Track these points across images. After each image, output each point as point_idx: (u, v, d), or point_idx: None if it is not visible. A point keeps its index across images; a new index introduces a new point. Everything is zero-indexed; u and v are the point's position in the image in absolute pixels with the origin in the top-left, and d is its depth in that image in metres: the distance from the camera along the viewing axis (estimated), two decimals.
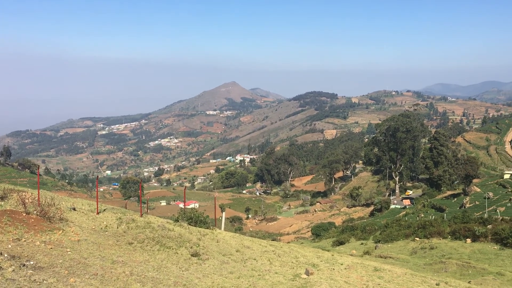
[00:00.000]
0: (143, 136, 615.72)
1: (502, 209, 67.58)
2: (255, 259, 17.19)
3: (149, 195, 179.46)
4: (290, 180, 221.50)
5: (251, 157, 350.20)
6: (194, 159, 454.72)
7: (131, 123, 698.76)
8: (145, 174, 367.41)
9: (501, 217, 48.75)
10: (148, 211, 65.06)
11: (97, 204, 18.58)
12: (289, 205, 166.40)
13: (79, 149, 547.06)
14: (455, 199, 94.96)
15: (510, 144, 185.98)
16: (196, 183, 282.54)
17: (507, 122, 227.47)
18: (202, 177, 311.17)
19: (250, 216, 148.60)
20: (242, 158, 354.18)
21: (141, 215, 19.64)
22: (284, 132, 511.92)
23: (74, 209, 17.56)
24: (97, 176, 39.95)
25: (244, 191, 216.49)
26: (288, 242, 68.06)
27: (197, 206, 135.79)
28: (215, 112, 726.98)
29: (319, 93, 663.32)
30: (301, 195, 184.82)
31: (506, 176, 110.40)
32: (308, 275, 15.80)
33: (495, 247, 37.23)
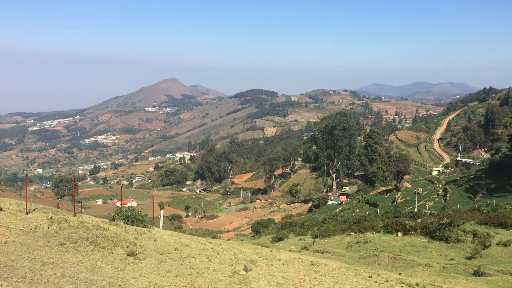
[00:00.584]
0: (78, 133, 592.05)
1: (431, 203, 71.24)
2: (193, 257, 17.03)
3: (84, 193, 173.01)
4: (231, 178, 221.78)
5: (191, 154, 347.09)
6: (132, 156, 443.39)
7: (65, 119, 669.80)
8: (80, 172, 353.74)
9: (429, 212, 51.46)
10: (83, 210, 62.71)
11: (26, 204, 17.62)
12: (230, 203, 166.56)
13: (8, 146, 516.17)
14: (388, 194, 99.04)
15: (438, 142, 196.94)
16: (134, 181, 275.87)
17: (435, 122, 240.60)
18: (141, 175, 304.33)
19: (190, 214, 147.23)
20: (182, 156, 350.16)
21: (75, 215, 18.86)
22: (225, 130, 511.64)
23: (0, 209, 16.56)
24: (27, 174, 37.84)
25: (184, 189, 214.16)
26: (228, 240, 68.12)
27: (135, 205, 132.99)
28: (154, 108, 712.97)
29: (259, 91, 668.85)
30: (241, 192, 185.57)
31: (434, 173, 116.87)
32: (246, 272, 15.88)
33: (424, 240, 39.26)
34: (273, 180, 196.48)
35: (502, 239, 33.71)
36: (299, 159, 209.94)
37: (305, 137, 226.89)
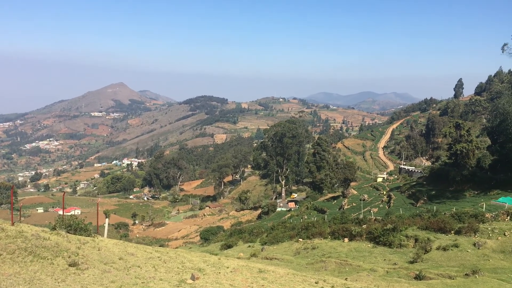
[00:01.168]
0: (18, 138, 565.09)
1: (375, 210, 73.34)
2: (139, 267, 16.57)
3: (24, 201, 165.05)
4: (180, 185, 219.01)
5: (139, 161, 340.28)
6: (76, 163, 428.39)
7: (4, 124, 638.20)
8: (20, 179, 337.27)
9: (374, 217, 52.93)
10: (22, 219, 59.82)
11: None
12: (178, 210, 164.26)
13: None
14: (335, 201, 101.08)
15: (383, 150, 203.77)
16: (78, 188, 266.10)
17: (380, 130, 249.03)
18: (86, 182, 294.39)
19: (137, 222, 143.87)
20: (129, 162, 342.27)
21: (13, 224, 17.88)
22: (174, 136, 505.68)
23: None
24: None
25: (131, 196, 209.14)
26: (176, 248, 67.07)
27: (79, 213, 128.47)
28: (100, 114, 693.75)
29: (210, 97, 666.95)
30: (190, 200, 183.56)
31: (379, 180, 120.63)
32: (194, 280, 15.64)
33: (369, 245, 40.30)
34: (222, 187, 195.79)
35: (442, 243, 35.17)
36: (249, 166, 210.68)
37: (255, 144, 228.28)
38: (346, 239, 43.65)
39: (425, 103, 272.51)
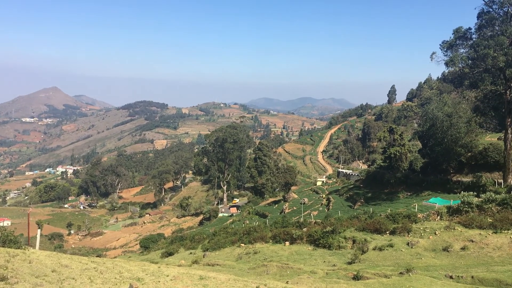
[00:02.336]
0: None
1: (315, 213, 74.89)
2: (73, 279, 15.83)
3: None
4: (118, 192, 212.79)
5: (75, 168, 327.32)
6: (6, 171, 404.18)
7: None
8: None
9: (314, 220, 53.92)
10: None
11: None
12: (117, 218, 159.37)
13: None
14: (276, 205, 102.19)
15: (322, 154, 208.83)
16: (8, 198, 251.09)
17: (319, 135, 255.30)
18: (16, 191, 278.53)
19: (72, 231, 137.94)
20: (64, 170, 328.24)
21: None
22: (112, 142, 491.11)
23: None
24: None
25: (66, 205, 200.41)
26: (114, 257, 65.03)
27: (8, 224, 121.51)
28: (32, 119, 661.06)
29: (149, 102, 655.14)
30: (129, 207, 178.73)
31: (319, 183, 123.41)
32: None
33: (310, 248, 41.03)
34: (163, 193, 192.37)
35: (378, 244, 36.43)
36: (190, 172, 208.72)
37: (196, 150, 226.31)
38: (287, 243, 44.18)
39: (361, 109, 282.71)
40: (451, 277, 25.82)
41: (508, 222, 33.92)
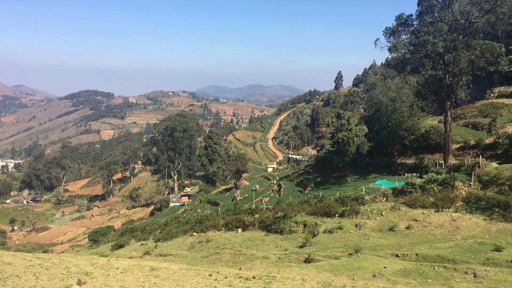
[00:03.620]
0: None
1: (267, 199, 75.64)
2: (17, 276, 15.18)
3: None
4: (64, 185, 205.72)
5: (16, 162, 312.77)
6: None
7: None
8: None
9: (265, 207, 54.47)
10: None
11: None
12: (63, 212, 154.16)
13: None
14: (228, 193, 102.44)
15: (272, 141, 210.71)
16: None
17: (269, 121, 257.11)
18: None
19: (16, 227, 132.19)
20: (4, 164, 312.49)
21: None
22: (56, 134, 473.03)
23: None
24: None
25: (8, 201, 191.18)
26: (62, 252, 63.00)
27: None
28: None
29: (94, 92, 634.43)
30: (76, 200, 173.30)
31: (269, 170, 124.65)
32: (80, 285, 14.71)
33: (262, 234, 41.44)
34: (112, 185, 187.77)
35: (328, 227, 37.32)
36: (139, 162, 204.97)
37: (145, 139, 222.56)
38: (239, 230, 44.41)
39: (310, 95, 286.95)
40: (397, 255, 26.88)
41: (448, 201, 35.66)
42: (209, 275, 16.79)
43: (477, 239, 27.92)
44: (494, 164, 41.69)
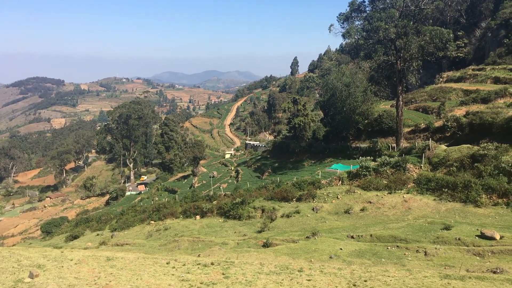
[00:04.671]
0: None
1: (225, 185, 75.61)
2: None
3: None
4: (14, 176, 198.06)
5: None
6: None
7: None
8: None
9: (224, 193, 54.48)
10: None
11: None
12: (13, 204, 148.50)
13: None
14: (186, 180, 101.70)
15: (229, 127, 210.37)
16: None
17: (226, 108, 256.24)
18: None
19: None
20: None
21: None
22: (3, 123, 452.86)
23: None
24: None
25: None
26: (13, 245, 60.75)
27: None
28: None
29: (43, 79, 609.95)
30: (27, 191, 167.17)
31: (227, 156, 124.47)
32: (32, 278, 14.24)
33: (220, 220, 41.52)
34: (64, 175, 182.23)
35: (285, 211, 37.82)
36: (93, 150, 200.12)
37: (99, 127, 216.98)
38: (198, 217, 44.31)
39: (266, 81, 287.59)
40: (352, 237, 27.61)
41: (400, 183, 36.89)
42: (167, 263, 16.65)
43: (427, 219, 29.06)
44: (443, 147, 43.34)
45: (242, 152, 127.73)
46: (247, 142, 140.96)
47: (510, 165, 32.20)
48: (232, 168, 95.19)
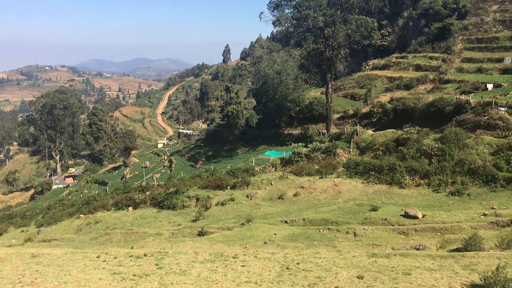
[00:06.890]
0: None
1: (158, 175, 74.33)
2: None
3: None
4: None
5: None
6: None
7: None
8: None
9: (157, 183, 53.53)
10: None
11: None
12: None
13: None
14: (117, 171, 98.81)
15: (162, 116, 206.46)
16: None
17: (157, 96, 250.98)
18: None
19: None
20: None
21: None
22: None
23: None
24: None
25: None
26: None
27: None
28: None
29: None
30: None
31: (160, 146, 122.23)
32: None
33: (154, 211, 40.78)
34: None
35: (220, 199, 37.88)
36: (15, 143, 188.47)
37: (20, 118, 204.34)
38: (130, 208, 43.30)
39: (198, 69, 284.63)
40: (286, 221, 28.21)
41: (331, 168, 38.12)
42: (97, 257, 16.09)
43: (356, 201, 30.31)
44: (370, 132, 45.27)
45: (175, 141, 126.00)
46: (180, 131, 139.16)
47: (431, 148, 34.28)
48: (165, 157, 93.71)
